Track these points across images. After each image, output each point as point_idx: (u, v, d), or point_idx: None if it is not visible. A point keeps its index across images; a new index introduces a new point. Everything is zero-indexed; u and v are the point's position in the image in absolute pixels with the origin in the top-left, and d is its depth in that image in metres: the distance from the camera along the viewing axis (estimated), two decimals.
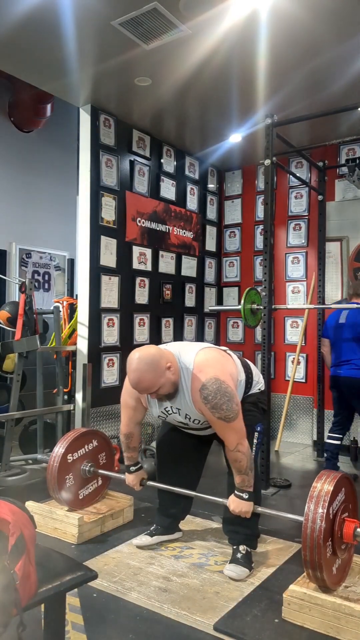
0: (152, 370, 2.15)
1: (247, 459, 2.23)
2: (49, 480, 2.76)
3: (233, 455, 2.23)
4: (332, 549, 2.01)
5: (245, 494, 2.27)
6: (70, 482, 2.81)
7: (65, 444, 2.80)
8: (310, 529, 1.92)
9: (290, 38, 3.14)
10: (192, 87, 3.79)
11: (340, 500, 2.06)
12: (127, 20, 2.95)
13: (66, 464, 2.79)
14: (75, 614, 2.03)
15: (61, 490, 2.75)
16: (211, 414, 2.19)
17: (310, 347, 4.93)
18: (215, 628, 1.95)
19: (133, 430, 2.58)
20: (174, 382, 2.23)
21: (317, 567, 1.91)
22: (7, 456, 3.58)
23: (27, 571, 1.27)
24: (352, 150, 4.80)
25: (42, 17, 2.93)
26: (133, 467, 2.66)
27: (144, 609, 2.09)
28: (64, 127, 6.42)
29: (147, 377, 2.15)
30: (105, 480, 3.02)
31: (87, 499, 2.93)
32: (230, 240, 5.72)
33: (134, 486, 2.67)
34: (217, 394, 2.16)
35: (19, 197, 6.02)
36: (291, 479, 3.76)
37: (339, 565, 2.08)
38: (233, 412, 2.18)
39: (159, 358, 2.18)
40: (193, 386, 2.22)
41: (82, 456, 2.89)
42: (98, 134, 4.19)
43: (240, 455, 2.22)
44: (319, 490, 1.99)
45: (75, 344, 4.20)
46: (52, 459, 2.76)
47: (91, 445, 2.94)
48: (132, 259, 4.55)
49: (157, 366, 2.16)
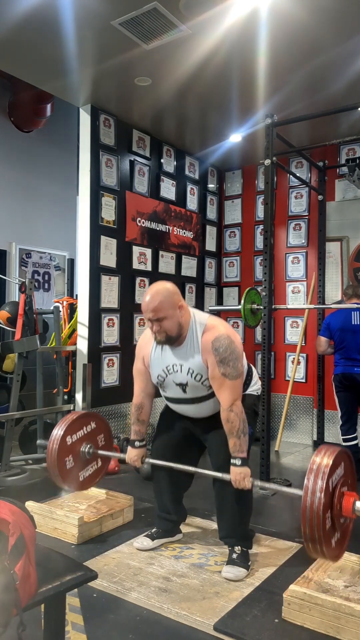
0: (165, 296, 2.28)
1: (239, 420, 2.27)
2: (49, 463, 2.73)
3: (226, 415, 2.28)
4: (332, 522, 1.99)
5: (238, 460, 2.28)
6: (71, 464, 2.79)
7: (64, 426, 2.77)
8: (310, 502, 1.90)
9: (290, 38, 3.14)
10: (192, 87, 3.79)
11: (339, 474, 2.05)
12: (127, 20, 2.95)
13: (66, 446, 2.76)
14: (75, 614, 2.03)
15: (62, 472, 2.73)
16: (217, 367, 2.26)
17: (311, 347, 4.93)
18: (215, 628, 1.95)
19: (144, 401, 2.61)
20: (180, 324, 2.31)
21: (316, 540, 1.90)
22: (7, 456, 3.58)
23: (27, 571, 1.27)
24: (352, 150, 4.80)
25: (42, 17, 2.94)
26: (138, 443, 2.64)
27: (144, 609, 2.09)
28: (64, 127, 6.42)
29: (159, 298, 2.27)
30: (105, 462, 3.00)
31: (88, 481, 2.91)
32: (230, 240, 5.72)
33: (135, 462, 2.65)
34: (227, 349, 2.27)
35: (19, 197, 6.02)
36: (291, 479, 3.76)
37: (338, 539, 2.07)
38: (237, 371, 2.28)
39: (174, 292, 2.33)
40: (204, 337, 2.32)
41: (81, 438, 2.86)
42: (98, 134, 4.19)
43: (233, 416, 2.27)
44: (318, 463, 1.98)
45: (75, 344, 4.20)
46: (52, 441, 2.74)
47: (89, 427, 2.91)
48: (132, 259, 4.55)
49: (171, 296, 2.29)
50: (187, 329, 2.35)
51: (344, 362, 3.92)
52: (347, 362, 3.89)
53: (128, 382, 4.25)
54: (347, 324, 3.91)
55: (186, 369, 2.36)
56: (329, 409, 4.55)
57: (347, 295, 4.04)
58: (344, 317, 3.94)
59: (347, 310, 3.94)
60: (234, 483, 2.29)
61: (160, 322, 2.28)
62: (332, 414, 4.47)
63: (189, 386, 2.39)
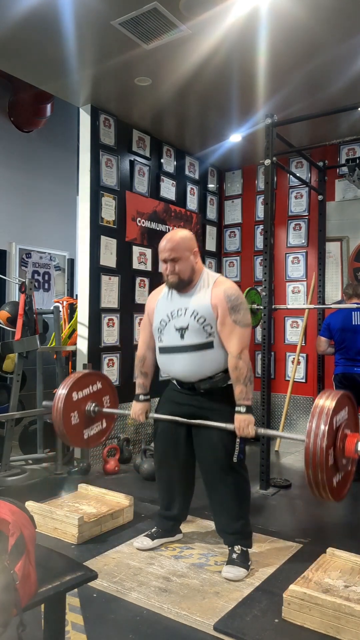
0: (183, 239, 2.41)
1: (246, 368, 2.34)
2: (55, 416, 2.71)
3: (235, 362, 2.33)
4: (335, 463, 1.99)
5: (243, 407, 2.31)
6: (76, 420, 2.78)
7: (72, 381, 2.78)
8: (313, 444, 1.91)
9: (290, 38, 3.14)
10: (192, 87, 3.79)
11: (342, 417, 2.05)
12: (127, 20, 2.95)
13: (71, 401, 2.75)
14: (75, 614, 2.03)
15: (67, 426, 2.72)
16: (228, 314, 2.34)
17: (310, 347, 4.93)
18: (215, 628, 1.95)
19: (146, 353, 2.67)
20: (193, 269, 2.42)
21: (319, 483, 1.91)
22: (7, 456, 3.58)
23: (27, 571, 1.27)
24: (352, 150, 4.80)
25: (42, 17, 2.94)
26: (142, 396, 2.68)
27: (144, 609, 2.09)
28: (64, 127, 6.42)
29: (177, 239, 2.39)
30: (110, 423, 2.99)
31: (92, 440, 2.90)
32: (230, 240, 5.72)
33: (139, 416, 2.66)
34: (238, 298, 2.39)
35: (19, 197, 6.02)
36: (291, 479, 3.76)
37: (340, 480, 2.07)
38: (247, 319, 2.39)
39: (192, 238, 2.46)
40: (216, 287, 2.41)
41: (87, 396, 2.85)
42: (98, 134, 4.19)
43: (241, 363, 2.33)
44: (320, 406, 1.98)
45: (75, 344, 4.20)
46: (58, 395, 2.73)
47: (96, 387, 2.91)
48: (132, 259, 4.55)
49: (188, 240, 2.42)
50: (199, 277, 2.45)
51: (344, 362, 3.93)
52: (348, 362, 3.90)
53: (128, 382, 4.26)
54: (347, 324, 3.91)
55: (190, 311, 2.40)
56: None
57: (347, 295, 4.04)
58: (344, 317, 3.94)
59: (347, 310, 3.94)
60: (237, 430, 2.31)
61: (174, 263, 2.38)
62: None
63: (189, 330, 2.40)
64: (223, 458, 2.38)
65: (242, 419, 2.30)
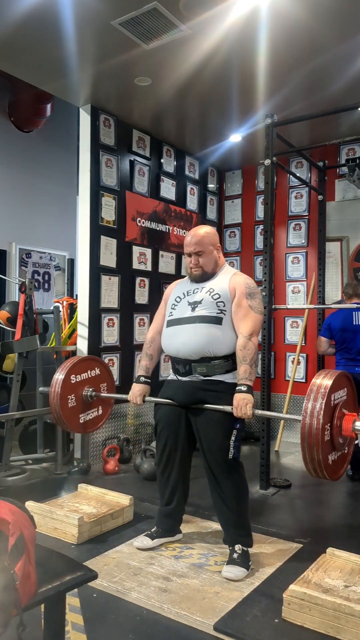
0: (208, 234, 2.57)
1: (254, 351, 2.40)
2: (52, 400, 2.74)
3: (244, 342, 2.39)
4: (331, 440, 1.98)
5: (244, 387, 2.33)
6: (72, 403, 2.80)
7: (71, 364, 2.81)
8: (309, 423, 1.89)
9: (290, 38, 3.14)
10: (192, 87, 3.79)
11: (340, 396, 2.03)
12: (127, 20, 2.95)
13: (69, 384, 2.78)
14: (75, 614, 2.03)
15: (64, 409, 2.74)
16: (245, 298, 2.45)
17: (310, 347, 4.93)
18: (215, 628, 1.95)
19: (155, 336, 2.73)
20: (216, 262, 2.58)
21: (315, 460, 1.90)
22: (7, 456, 3.58)
23: (27, 571, 1.27)
24: (352, 150, 4.80)
25: (42, 17, 2.94)
26: (143, 378, 2.71)
27: (144, 609, 2.09)
28: (64, 127, 6.42)
29: (203, 234, 2.55)
30: (106, 409, 3.01)
31: (89, 425, 2.93)
32: (230, 240, 5.72)
33: (137, 398, 2.66)
34: (256, 288, 2.52)
35: (19, 197, 6.02)
36: (291, 479, 3.76)
37: (337, 458, 2.06)
38: (261, 307, 2.49)
39: (215, 234, 2.63)
40: (236, 274, 2.57)
41: (85, 380, 2.88)
42: (98, 134, 4.19)
43: (251, 344, 2.39)
44: (317, 384, 1.97)
45: (75, 344, 4.20)
46: (56, 377, 2.76)
47: (94, 372, 2.94)
48: (132, 259, 4.55)
49: (213, 236, 2.59)
50: (219, 269, 2.60)
51: (345, 362, 3.93)
52: (349, 362, 3.90)
53: (128, 382, 4.26)
54: (348, 324, 3.91)
55: (207, 289, 2.52)
56: None
57: (347, 294, 4.04)
58: (345, 317, 3.94)
59: (347, 310, 3.94)
60: (235, 409, 2.30)
61: (199, 256, 2.53)
62: None
63: (202, 303, 2.49)
64: (221, 441, 2.38)
65: (242, 397, 2.30)
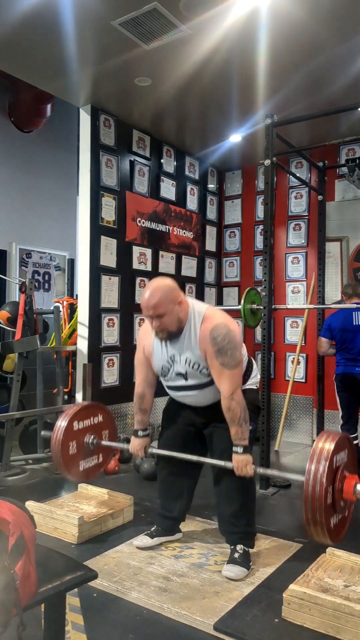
0: (165, 293, 2.29)
1: (240, 409, 2.28)
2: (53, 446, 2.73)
3: (227, 403, 2.29)
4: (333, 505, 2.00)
5: (240, 448, 2.30)
6: (73, 450, 2.79)
7: (76, 410, 2.80)
8: (312, 485, 1.92)
9: (290, 38, 3.14)
10: (192, 87, 3.79)
11: (341, 459, 2.06)
12: (127, 20, 2.95)
13: (72, 430, 2.76)
14: (75, 614, 2.03)
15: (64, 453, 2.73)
16: (215, 357, 2.27)
17: (310, 347, 4.93)
18: (215, 628, 1.95)
19: (145, 390, 2.63)
20: (180, 319, 2.33)
21: (318, 522, 1.91)
22: (7, 456, 3.58)
23: (27, 571, 1.27)
24: (352, 150, 4.80)
25: (42, 17, 2.94)
26: (141, 432, 2.67)
27: (144, 609, 2.09)
28: (64, 127, 6.42)
29: (158, 295, 2.28)
30: (106, 458, 3.00)
31: (89, 472, 2.91)
32: (230, 240, 5.72)
33: (138, 452, 2.66)
34: (225, 338, 2.27)
35: (19, 197, 6.02)
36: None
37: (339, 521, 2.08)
38: (235, 360, 2.28)
39: (174, 288, 2.34)
40: (203, 326, 2.32)
41: (87, 427, 2.86)
42: (98, 134, 4.19)
43: (234, 404, 2.28)
44: (320, 448, 2.00)
45: (75, 344, 4.20)
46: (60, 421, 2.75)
47: (97, 420, 2.92)
48: (132, 259, 4.55)
49: (170, 292, 2.30)
50: (186, 321, 2.36)
51: (345, 362, 3.93)
52: (349, 363, 3.91)
53: (128, 382, 4.26)
54: (348, 324, 3.91)
55: (184, 359, 2.38)
56: (329, 409, 4.55)
57: (347, 294, 4.04)
58: (345, 317, 3.94)
59: (347, 310, 3.94)
60: (236, 470, 2.31)
61: (160, 319, 2.29)
62: (332, 413, 4.46)
63: (189, 375, 2.41)
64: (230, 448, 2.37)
65: (240, 460, 2.30)
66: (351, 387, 3.92)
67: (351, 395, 3.95)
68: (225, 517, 2.49)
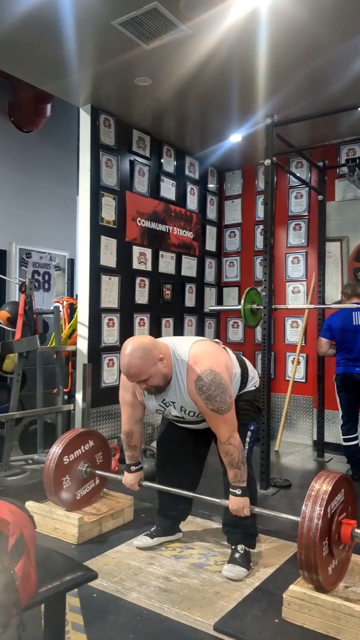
0: (143, 357, 2.16)
1: (238, 452, 2.25)
2: (46, 483, 2.76)
3: (225, 448, 2.25)
4: (329, 549, 2.00)
5: (238, 490, 2.28)
6: (67, 483, 2.81)
7: (62, 445, 2.79)
8: (307, 528, 1.90)
9: (290, 38, 3.13)
10: (192, 87, 3.79)
11: (339, 501, 2.05)
12: (127, 20, 2.95)
13: (62, 466, 2.78)
14: (75, 614, 2.03)
15: (58, 492, 2.75)
16: (205, 405, 2.21)
17: (310, 347, 4.93)
18: (215, 628, 1.95)
19: (133, 428, 2.60)
20: (165, 374, 2.24)
21: (312, 567, 1.90)
22: (7, 456, 3.58)
23: (27, 571, 1.27)
24: (352, 150, 4.80)
25: (42, 17, 2.93)
26: (134, 467, 2.66)
27: (144, 609, 2.09)
28: (64, 127, 6.41)
29: (137, 363, 2.16)
30: (103, 479, 3.02)
31: (85, 499, 2.93)
32: (230, 240, 5.72)
33: (132, 487, 2.67)
34: (211, 385, 2.18)
35: (19, 197, 6.02)
36: (291, 479, 3.76)
37: (336, 566, 2.08)
38: (226, 404, 2.20)
39: (151, 347, 2.19)
40: (189, 377, 2.24)
41: (78, 457, 2.88)
42: (98, 134, 4.19)
43: (232, 448, 2.24)
44: (317, 490, 1.99)
45: (75, 344, 4.20)
46: (48, 461, 2.76)
47: (88, 446, 2.93)
48: (132, 259, 4.54)
49: (149, 355, 2.17)
50: (172, 372, 2.27)
51: (345, 362, 3.93)
52: (349, 363, 3.91)
53: None
54: (348, 324, 3.91)
55: (179, 407, 2.36)
56: (329, 409, 4.55)
57: (346, 294, 4.04)
58: (345, 317, 3.95)
59: (347, 310, 3.94)
60: (232, 511, 2.31)
61: (145, 382, 2.23)
62: (332, 413, 4.46)
63: (186, 415, 2.41)
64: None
65: (237, 502, 2.29)
66: (351, 387, 3.93)
67: (351, 395, 3.95)
68: (229, 518, 2.48)
